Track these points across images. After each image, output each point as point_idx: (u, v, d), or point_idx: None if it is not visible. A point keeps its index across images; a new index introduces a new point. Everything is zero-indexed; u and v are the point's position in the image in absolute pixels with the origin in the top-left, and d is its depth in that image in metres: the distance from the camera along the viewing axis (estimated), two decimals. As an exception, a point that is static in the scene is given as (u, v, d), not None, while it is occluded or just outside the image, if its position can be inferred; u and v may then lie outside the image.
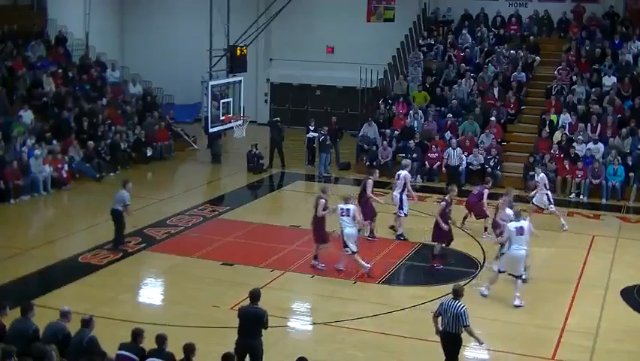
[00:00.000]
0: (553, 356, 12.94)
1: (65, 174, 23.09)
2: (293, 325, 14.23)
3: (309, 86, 33.69)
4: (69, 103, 26.18)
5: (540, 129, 25.19)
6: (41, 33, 29.52)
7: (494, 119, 25.71)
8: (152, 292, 16.00)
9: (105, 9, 33.05)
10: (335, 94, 32.99)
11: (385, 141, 25.79)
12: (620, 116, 25.08)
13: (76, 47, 30.87)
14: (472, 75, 27.77)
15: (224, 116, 23.52)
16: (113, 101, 28.21)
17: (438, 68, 28.97)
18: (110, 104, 27.88)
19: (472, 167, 24.39)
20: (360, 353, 12.90)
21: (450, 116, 26.34)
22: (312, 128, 26.79)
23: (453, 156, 24.51)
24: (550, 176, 23.10)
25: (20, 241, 18.44)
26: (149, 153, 26.78)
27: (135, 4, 34.48)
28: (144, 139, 26.87)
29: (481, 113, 26.10)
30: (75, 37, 30.95)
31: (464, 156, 24.60)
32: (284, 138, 27.07)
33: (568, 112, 25.34)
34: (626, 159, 23.46)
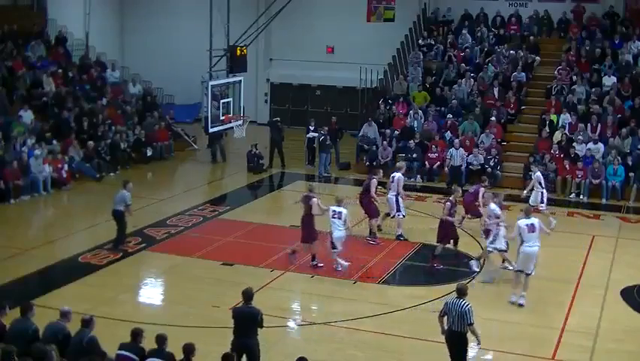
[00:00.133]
0: (553, 356, 12.94)
1: (65, 174, 23.09)
2: (293, 325, 14.23)
3: (309, 86, 33.69)
4: (69, 103, 26.19)
5: (540, 129, 25.19)
6: (41, 33, 29.51)
7: (494, 119, 25.71)
8: (152, 292, 16.01)
9: (105, 9, 33.05)
10: (335, 94, 32.98)
11: (385, 141, 25.79)
12: (620, 116, 25.08)
13: (76, 47, 30.87)
14: (472, 75, 27.76)
15: (224, 116, 23.48)
16: (113, 101, 28.21)
17: (438, 68, 28.96)
18: (110, 104, 27.88)
19: (472, 167, 24.37)
20: (360, 353, 12.89)
21: (450, 116, 26.33)
22: (312, 128, 26.79)
23: (456, 156, 24.50)
24: (551, 176, 23.17)
25: (20, 241, 18.44)
26: (149, 153, 26.78)
27: (135, 4, 34.49)
28: (144, 139, 26.88)
29: (481, 113, 26.10)
30: (75, 37, 30.95)
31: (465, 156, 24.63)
32: (284, 138, 27.07)
33: (568, 112, 25.34)
34: (626, 159, 23.46)
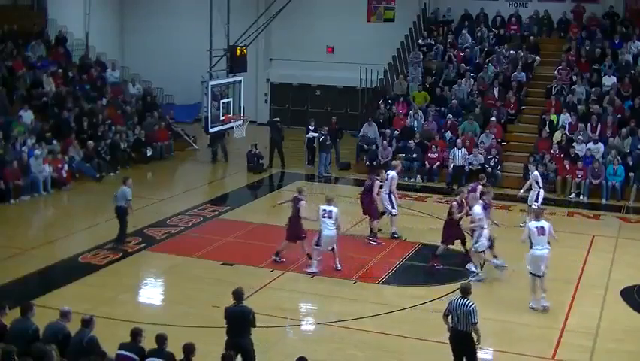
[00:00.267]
0: (553, 356, 12.94)
1: (65, 174, 23.09)
2: (293, 325, 14.22)
3: (309, 86, 33.68)
4: (69, 103, 26.18)
5: (540, 129, 25.18)
6: (41, 33, 29.52)
7: (494, 119, 25.71)
8: (152, 292, 16.01)
9: (105, 9, 33.05)
10: (335, 94, 32.97)
11: (385, 141, 25.79)
12: (620, 116, 25.08)
13: (76, 47, 30.88)
14: (472, 75, 27.75)
15: (224, 116, 23.49)
16: (113, 101, 28.21)
17: (438, 68, 28.95)
18: (110, 104, 27.88)
19: (472, 167, 24.34)
20: (360, 353, 12.89)
21: (450, 116, 26.33)
22: (312, 128, 26.79)
23: (458, 156, 24.49)
24: (551, 176, 23.17)
25: (20, 241, 18.44)
26: (149, 153, 26.78)
27: (135, 4, 34.49)
28: (144, 139, 26.88)
29: (481, 113, 26.10)
30: (75, 37, 30.95)
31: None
32: (284, 138, 27.07)
33: (568, 112, 25.34)
34: (626, 159, 23.46)
